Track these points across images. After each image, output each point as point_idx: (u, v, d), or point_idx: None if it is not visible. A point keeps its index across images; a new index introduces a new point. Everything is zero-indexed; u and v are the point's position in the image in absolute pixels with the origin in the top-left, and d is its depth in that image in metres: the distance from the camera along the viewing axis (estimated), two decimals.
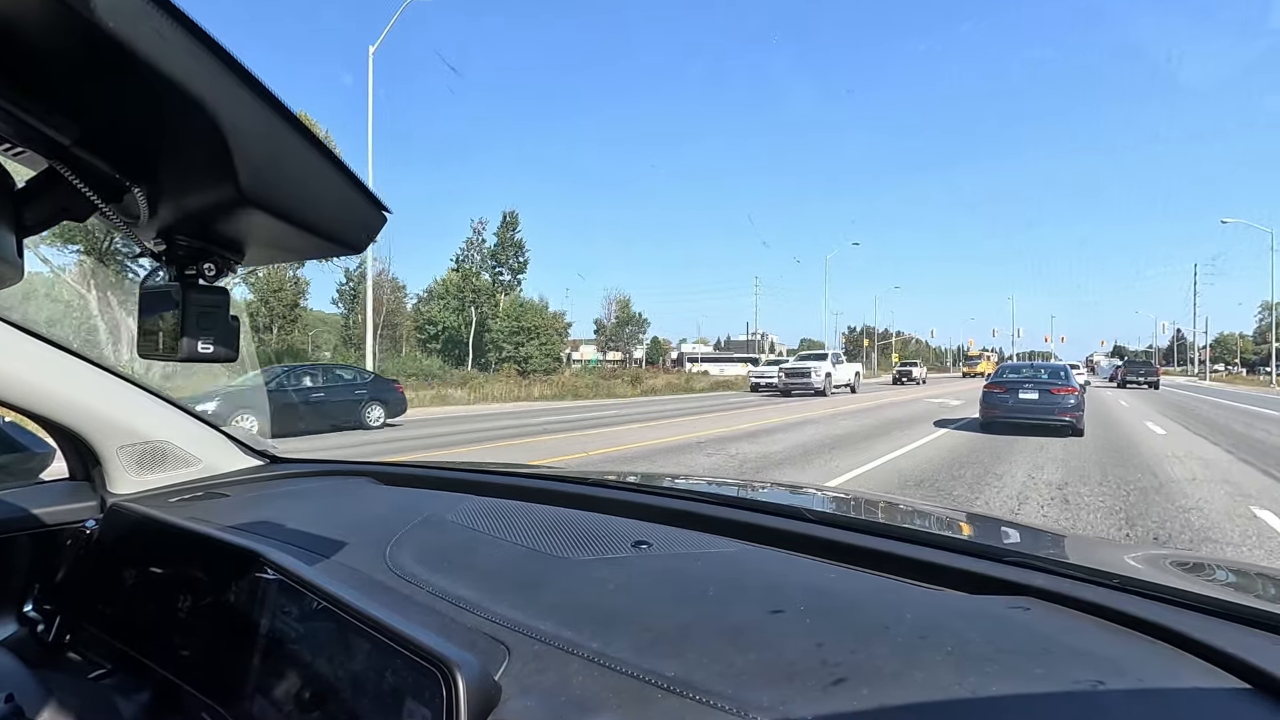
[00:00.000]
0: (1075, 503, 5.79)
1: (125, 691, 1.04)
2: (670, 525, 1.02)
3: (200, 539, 1.04)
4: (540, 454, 8.90)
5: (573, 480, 1.39)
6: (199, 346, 0.53)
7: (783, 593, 0.74)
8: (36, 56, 0.38)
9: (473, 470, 1.57)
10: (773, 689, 0.55)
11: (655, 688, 0.58)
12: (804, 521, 1.00)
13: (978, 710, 0.51)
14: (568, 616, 0.72)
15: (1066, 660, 0.57)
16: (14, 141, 0.45)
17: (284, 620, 0.81)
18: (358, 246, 0.55)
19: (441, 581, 0.84)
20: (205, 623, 0.94)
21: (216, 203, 0.47)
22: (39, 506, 1.28)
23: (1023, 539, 1.13)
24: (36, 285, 17.23)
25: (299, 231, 0.50)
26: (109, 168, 0.47)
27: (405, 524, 1.06)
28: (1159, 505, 5.69)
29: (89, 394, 1.30)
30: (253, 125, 0.43)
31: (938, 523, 1.19)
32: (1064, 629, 0.65)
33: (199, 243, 0.53)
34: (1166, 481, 6.73)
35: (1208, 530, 4.87)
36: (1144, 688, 0.53)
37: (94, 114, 0.43)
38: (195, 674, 0.93)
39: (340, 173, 0.50)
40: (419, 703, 0.59)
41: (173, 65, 0.37)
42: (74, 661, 1.17)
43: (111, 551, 1.18)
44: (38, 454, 1.42)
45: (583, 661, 0.63)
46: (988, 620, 0.66)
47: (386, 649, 0.65)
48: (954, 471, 7.35)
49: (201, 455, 1.50)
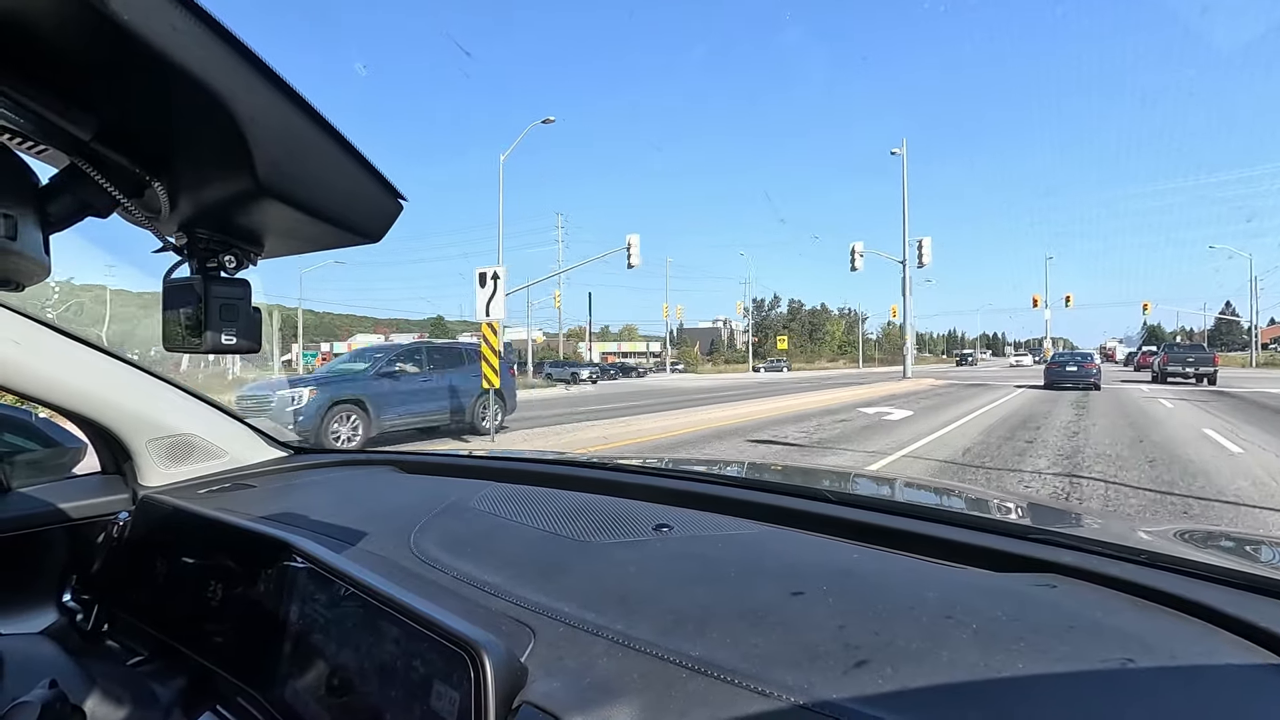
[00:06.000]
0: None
1: (162, 677, 1.07)
2: (691, 508, 1.02)
3: (230, 529, 1.06)
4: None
5: (593, 465, 1.40)
6: (222, 338, 0.54)
7: (804, 574, 0.74)
8: (54, 53, 0.39)
9: (492, 458, 1.59)
10: (796, 670, 0.55)
11: (680, 668, 0.58)
12: (825, 503, 1.00)
13: (1004, 690, 0.51)
14: (591, 599, 0.72)
15: (1094, 637, 0.57)
16: (36, 139, 0.45)
17: (313, 607, 0.83)
18: (375, 235, 0.56)
19: (465, 567, 0.85)
20: (237, 610, 0.96)
21: (235, 195, 0.48)
22: (73, 500, 1.32)
23: (1047, 517, 1.12)
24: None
25: (317, 222, 0.51)
26: (129, 162, 0.48)
27: (428, 511, 1.07)
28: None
29: (118, 390, 1.32)
30: (269, 118, 0.43)
31: (960, 502, 1.18)
32: (1091, 606, 0.64)
33: (219, 235, 0.54)
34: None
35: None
36: (1174, 664, 0.53)
37: (112, 109, 0.44)
38: (229, 660, 0.95)
39: (357, 162, 0.50)
40: (447, 685, 0.60)
41: (188, 59, 0.37)
42: (112, 649, 1.20)
43: (144, 542, 1.21)
44: (70, 449, 1.45)
45: (607, 643, 0.64)
46: (1013, 598, 0.66)
47: (414, 633, 0.66)
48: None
49: (228, 447, 1.53)
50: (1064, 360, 21.23)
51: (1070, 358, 21.49)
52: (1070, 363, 20.79)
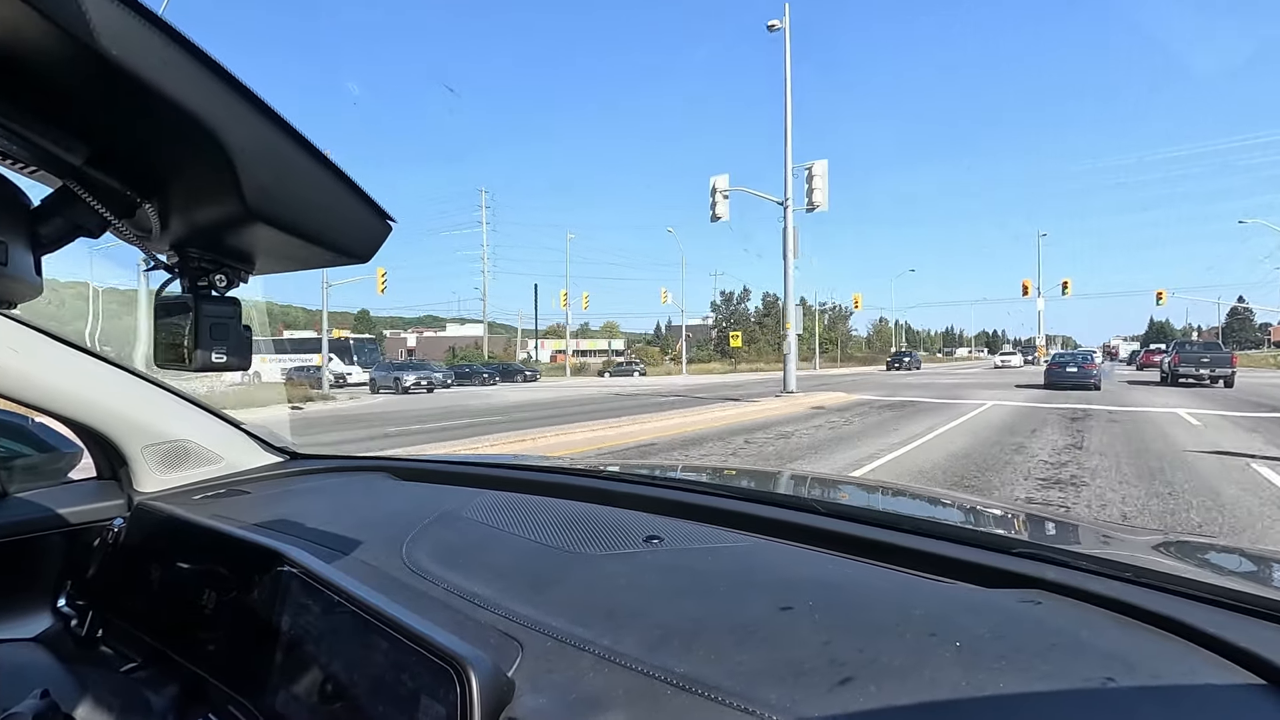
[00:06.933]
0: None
1: (155, 685, 1.07)
2: (682, 519, 1.03)
3: (223, 537, 1.07)
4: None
5: (586, 474, 1.40)
6: (213, 357, 0.54)
7: (793, 588, 0.75)
8: (46, 83, 0.39)
9: (486, 465, 1.59)
10: (781, 687, 0.56)
11: (665, 684, 0.59)
12: (816, 515, 1.01)
13: (984, 709, 0.52)
14: (580, 613, 0.73)
15: (1076, 656, 0.57)
16: (27, 162, 0.46)
17: (304, 617, 0.83)
18: (364, 256, 0.56)
19: (456, 578, 0.86)
20: (229, 618, 0.97)
21: (225, 218, 0.48)
22: (68, 506, 1.32)
23: (1036, 529, 1.12)
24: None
25: (306, 244, 0.51)
26: (120, 185, 0.48)
27: (421, 520, 1.08)
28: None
29: (113, 396, 1.33)
30: (257, 145, 0.43)
31: (951, 514, 1.19)
32: (1074, 623, 0.64)
33: (210, 255, 0.55)
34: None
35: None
36: (1155, 684, 0.53)
37: (103, 136, 0.45)
38: (221, 668, 0.95)
39: (345, 186, 0.51)
40: (433, 699, 0.61)
41: (178, 91, 0.38)
42: (106, 655, 1.20)
43: (139, 549, 1.22)
44: (66, 454, 1.45)
45: (594, 658, 0.64)
46: (997, 615, 0.66)
47: (402, 646, 0.66)
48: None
49: (223, 453, 1.53)
50: (1064, 360, 21.10)
51: (1070, 357, 21.34)
52: (1070, 363, 20.65)
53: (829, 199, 17.19)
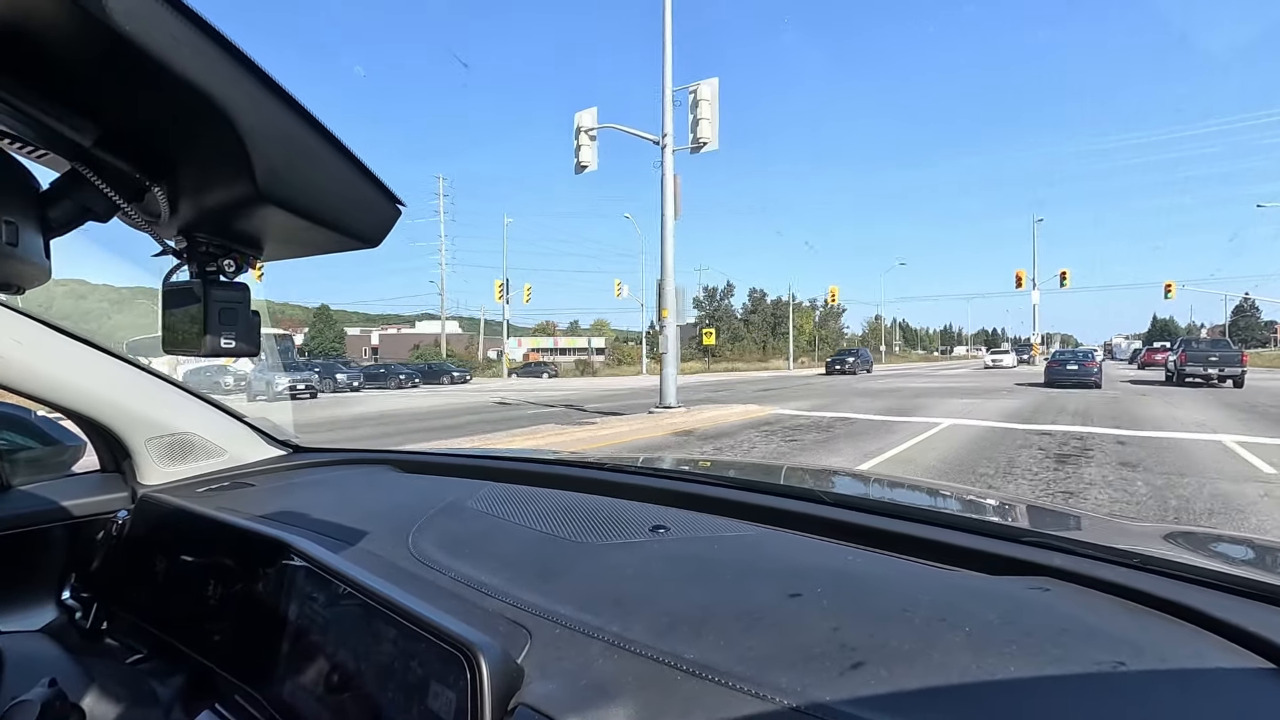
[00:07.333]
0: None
1: (162, 676, 1.07)
2: (688, 509, 1.03)
3: (229, 528, 1.07)
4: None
5: (590, 465, 1.40)
6: (221, 342, 0.54)
7: (800, 576, 0.75)
8: (55, 61, 0.39)
9: (491, 457, 1.59)
10: (791, 672, 0.56)
11: (675, 670, 0.59)
12: (822, 505, 1.01)
13: (995, 692, 0.52)
14: (587, 600, 0.73)
15: (1085, 641, 0.57)
16: (36, 144, 0.46)
17: (311, 607, 0.83)
18: (374, 240, 0.56)
19: (463, 567, 0.86)
20: (235, 609, 0.97)
21: (235, 201, 0.48)
22: (73, 498, 1.32)
23: (1042, 519, 1.12)
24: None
25: (316, 227, 0.51)
26: (130, 167, 0.48)
27: (426, 511, 1.08)
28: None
29: (117, 388, 1.33)
30: (269, 126, 0.43)
31: (956, 504, 1.19)
32: (1083, 609, 0.64)
33: (219, 240, 0.54)
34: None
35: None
36: (1164, 668, 0.53)
37: (112, 116, 0.44)
38: (228, 658, 0.95)
39: (356, 169, 0.50)
40: (443, 685, 0.61)
41: (189, 68, 0.37)
42: (112, 647, 1.21)
43: (143, 541, 1.22)
44: (70, 447, 1.45)
45: (603, 645, 0.64)
46: (1006, 601, 0.66)
47: (411, 634, 0.67)
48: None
49: (227, 446, 1.53)
50: (1064, 358, 21.45)
51: (1070, 356, 21.65)
52: (1071, 360, 20.97)
53: (719, 135, 12.65)
